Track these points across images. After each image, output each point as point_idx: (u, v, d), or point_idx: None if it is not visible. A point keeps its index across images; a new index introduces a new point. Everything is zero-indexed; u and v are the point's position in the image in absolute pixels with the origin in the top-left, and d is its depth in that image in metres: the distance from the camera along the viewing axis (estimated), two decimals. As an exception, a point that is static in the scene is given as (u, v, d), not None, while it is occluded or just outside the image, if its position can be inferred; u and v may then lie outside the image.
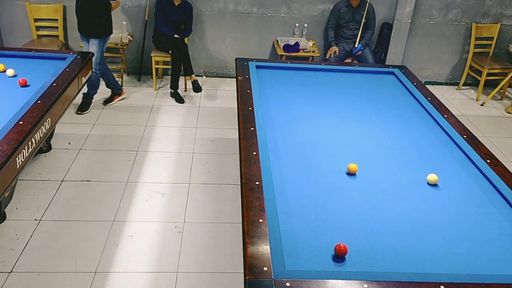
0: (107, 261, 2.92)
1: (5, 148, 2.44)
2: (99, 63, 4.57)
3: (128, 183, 3.69)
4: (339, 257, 1.83)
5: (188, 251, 3.05)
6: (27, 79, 3.33)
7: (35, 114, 2.81)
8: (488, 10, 5.80)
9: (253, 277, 1.67)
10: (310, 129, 2.88)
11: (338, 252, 1.83)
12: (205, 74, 6.01)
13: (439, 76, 6.23)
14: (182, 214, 3.38)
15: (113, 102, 5.01)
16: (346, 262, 1.82)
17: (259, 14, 5.66)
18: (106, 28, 4.49)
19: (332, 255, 1.84)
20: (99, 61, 4.56)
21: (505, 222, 2.13)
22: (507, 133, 5.04)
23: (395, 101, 3.39)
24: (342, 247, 1.82)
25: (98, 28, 4.43)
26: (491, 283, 1.73)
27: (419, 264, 1.84)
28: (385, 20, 5.78)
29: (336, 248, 1.83)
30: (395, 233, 2.00)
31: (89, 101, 4.81)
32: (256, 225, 1.91)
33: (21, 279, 2.74)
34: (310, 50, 5.48)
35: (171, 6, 5.13)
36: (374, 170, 2.47)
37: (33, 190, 3.52)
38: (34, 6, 5.31)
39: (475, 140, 2.80)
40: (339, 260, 1.82)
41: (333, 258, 1.83)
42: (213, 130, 4.64)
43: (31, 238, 3.06)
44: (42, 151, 3.97)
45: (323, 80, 3.69)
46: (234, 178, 3.83)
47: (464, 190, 2.36)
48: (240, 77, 3.49)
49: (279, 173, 2.35)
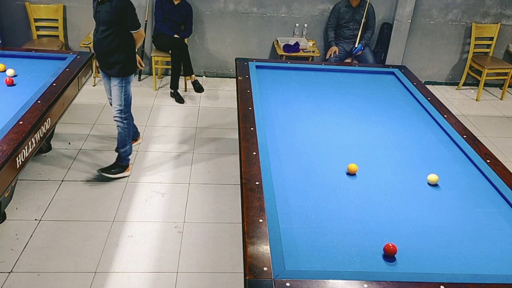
0: (107, 261, 2.92)
1: (5, 148, 2.44)
2: (124, 109, 3.56)
3: (128, 183, 3.69)
4: (388, 256, 1.86)
5: (188, 251, 3.05)
6: (27, 79, 3.34)
7: (35, 114, 2.81)
8: (488, 10, 5.80)
9: (253, 277, 1.67)
10: (310, 129, 2.88)
11: (388, 252, 1.85)
12: (205, 74, 6.01)
13: (439, 76, 6.23)
14: (182, 214, 3.38)
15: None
16: (346, 262, 1.82)
17: (259, 14, 5.66)
18: (128, 65, 3.51)
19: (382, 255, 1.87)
20: (124, 106, 3.55)
21: (505, 222, 2.13)
22: (507, 133, 5.04)
23: (395, 101, 3.39)
24: (391, 247, 1.85)
25: (118, 65, 3.46)
26: (491, 283, 1.73)
27: (419, 264, 1.84)
28: (385, 20, 5.78)
29: (385, 248, 1.86)
30: (395, 233, 2.00)
31: (123, 164, 3.74)
32: (256, 225, 1.91)
33: (21, 279, 2.74)
34: (310, 50, 5.48)
35: (170, 5, 5.13)
36: (374, 170, 2.47)
37: (33, 190, 3.52)
38: (34, 6, 5.31)
39: (475, 140, 2.80)
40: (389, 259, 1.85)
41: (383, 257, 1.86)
42: (213, 130, 4.64)
43: (31, 238, 3.06)
44: (42, 151, 3.96)
45: (323, 80, 3.69)
46: (234, 178, 3.83)
47: (464, 190, 2.36)
48: (240, 77, 3.49)
49: (279, 173, 2.35)
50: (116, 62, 3.44)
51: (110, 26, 3.31)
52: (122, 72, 3.48)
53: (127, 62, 3.49)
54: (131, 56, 3.52)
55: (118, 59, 3.43)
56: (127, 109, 3.60)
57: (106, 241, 3.07)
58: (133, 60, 3.56)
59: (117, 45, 3.39)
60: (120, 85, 3.50)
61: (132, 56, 3.53)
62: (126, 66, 3.48)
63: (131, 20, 3.35)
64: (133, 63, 3.58)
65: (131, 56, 3.52)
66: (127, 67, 3.49)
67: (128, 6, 3.29)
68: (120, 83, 3.50)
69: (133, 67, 3.57)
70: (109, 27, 3.31)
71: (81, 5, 5.43)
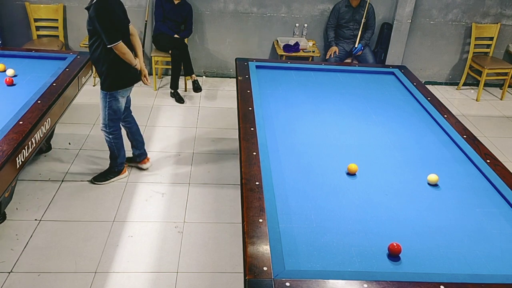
0: (107, 261, 2.92)
1: (5, 148, 2.44)
2: (109, 123, 3.40)
3: (128, 183, 3.69)
4: (393, 256, 1.86)
5: (188, 251, 3.05)
6: (27, 79, 3.34)
7: (35, 114, 2.81)
8: (488, 10, 5.80)
9: (253, 277, 1.67)
10: (310, 129, 2.88)
11: (392, 251, 1.86)
12: (205, 74, 6.01)
13: (439, 76, 6.23)
14: (182, 214, 3.38)
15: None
16: (346, 262, 1.82)
17: (259, 14, 5.66)
18: (112, 78, 3.25)
19: (387, 254, 1.87)
20: (108, 121, 3.39)
21: (505, 222, 2.13)
22: (507, 133, 5.04)
23: (395, 101, 3.39)
24: (396, 246, 1.85)
25: (102, 76, 3.28)
26: (491, 283, 1.73)
27: (419, 264, 1.84)
28: (385, 20, 5.78)
29: (389, 247, 1.86)
30: (395, 233, 2.00)
31: (116, 170, 3.64)
32: (256, 225, 1.91)
33: (21, 279, 2.74)
34: (310, 50, 5.48)
35: (170, 4, 5.13)
36: (374, 170, 2.47)
37: (33, 190, 3.52)
38: (34, 6, 5.31)
39: (475, 140, 2.80)
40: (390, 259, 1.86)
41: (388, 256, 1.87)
42: (213, 130, 4.64)
43: (31, 238, 3.06)
44: (42, 151, 3.96)
45: (323, 80, 3.69)
46: (234, 178, 3.83)
47: (464, 190, 2.36)
48: (240, 77, 3.49)
49: (279, 173, 2.35)
50: (101, 73, 3.26)
51: (91, 35, 3.16)
52: (105, 85, 3.26)
53: (111, 75, 3.23)
54: (116, 69, 3.22)
55: (102, 69, 3.24)
56: (113, 124, 3.42)
57: (106, 241, 3.07)
58: (120, 75, 3.26)
59: (99, 55, 3.20)
60: (103, 99, 3.31)
61: (117, 70, 3.23)
62: (110, 78, 3.23)
63: (102, 33, 3.06)
64: (120, 78, 3.27)
65: (116, 70, 3.23)
66: (110, 80, 3.24)
67: (96, 16, 3.01)
68: (104, 97, 3.30)
69: (120, 83, 3.28)
70: (91, 36, 3.17)
71: (81, 5, 5.42)
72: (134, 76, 3.39)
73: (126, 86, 3.35)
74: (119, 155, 3.56)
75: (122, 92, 3.34)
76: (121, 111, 3.43)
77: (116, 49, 3.14)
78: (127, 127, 3.69)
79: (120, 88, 3.30)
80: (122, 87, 3.31)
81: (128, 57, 3.22)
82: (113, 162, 3.61)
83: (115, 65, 3.22)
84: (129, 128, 3.70)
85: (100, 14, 3.01)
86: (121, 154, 3.59)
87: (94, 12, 3.02)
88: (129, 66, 3.29)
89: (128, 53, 3.21)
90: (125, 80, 3.33)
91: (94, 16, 3.02)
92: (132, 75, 3.37)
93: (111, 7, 3.07)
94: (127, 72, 3.30)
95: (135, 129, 3.72)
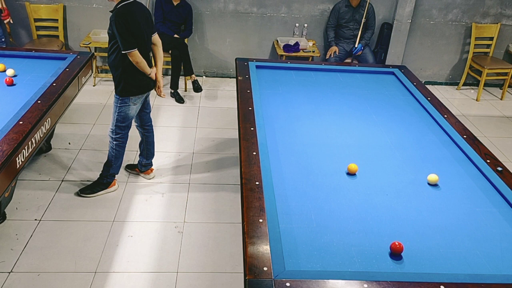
0: (107, 261, 2.92)
1: (5, 148, 2.44)
2: (116, 130, 3.35)
3: (128, 183, 3.69)
4: (395, 254, 1.87)
5: (188, 251, 3.05)
6: (27, 79, 3.34)
7: (35, 114, 2.81)
8: (488, 10, 5.80)
9: (253, 277, 1.67)
10: (310, 129, 2.88)
11: (394, 250, 1.86)
12: (205, 74, 6.01)
13: (439, 76, 6.23)
14: (182, 214, 3.38)
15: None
16: (346, 262, 1.82)
17: (259, 14, 5.66)
18: (123, 85, 3.22)
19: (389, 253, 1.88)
20: (116, 127, 3.34)
21: (505, 222, 2.13)
22: (507, 133, 5.04)
23: (395, 101, 3.39)
24: (398, 245, 1.86)
25: (116, 81, 3.26)
26: (491, 283, 1.73)
27: (419, 264, 1.84)
28: (385, 20, 5.78)
29: (391, 246, 1.87)
30: (395, 233, 2.00)
31: (105, 182, 3.54)
32: (256, 225, 1.91)
33: (21, 279, 2.74)
34: (310, 50, 5.48)
35: (170, 5, 5.13)
36: (374, 170, 2.47)
37: (33, 190, 3.52)
38: (34, 6, 5.30)
39: (475, 140, 2.80)
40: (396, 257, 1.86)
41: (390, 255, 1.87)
42: (213, 130, 4.64)
43: (31, 238, 3.06)
44: (42, 151, 3.96)
45: (323, 80, 3.69)
46: (234, 178, 3.83)
47: (464, 190, 2.36)
48: (240, 77, 3.49)
49: (279, 173, 2.35)
50: (115, 77, 3.25)
51: (110, 39, 3.16)
52: (118, 89, 3.24)
53: (125, 80, 3.21)
54: (129, 75, 3.21)
55: (115, 74, 3.23)
56: (120, 131, 3.36)
57: (106, 241, 3.07)
58: (133, 81, 3.24)
59: (114, 59, 3.19)
60: (115, 104, 3.29)
61: (131, 77, 3.21)
62: (123, 84, 3.21)
63: (118, 38, 3.06)
64: (133, 85, 3.25)
65: (130, 76, 3.21)
66: (123, 85, 3.22)
67: (115, 21, 3.03)
68: (116, 102, 3.28)
69: (132, 90, 3.25)
70: (110, 40, 3.17)
71: (81, 5, 5.43)
72: (147, 85, 3.35)
73: (138, 93, 3.31)
74: (114, 164, 3.48)
75: (134, 99, 3.30)
76: (130, 119, 3.38)
77: (130, 56, 3.12)
78: (146, 135, 3.64)
79: (133, 95, 3.28)
80: (134, 94, 3.28)
81: (142, 65, 3.19)
82: (104, 170, 3.50)
83: (129, 71, 3.21)
84: (147, 137, 3.65)
85: (118, 20, 3.02)
86: (117, 165, 3.50)
87: (114, 17, 3.04)
88: (143, 74, 3.27)
89: (142, 62, 3.18)
90: (138, 87, 3.29)
91: (113, 20, 3.04)
92: (146, 83, 3.34)
93: (131, 14, 3.06)
94: (141, 80, 3.28)
95: (151, 140, 3.68)
